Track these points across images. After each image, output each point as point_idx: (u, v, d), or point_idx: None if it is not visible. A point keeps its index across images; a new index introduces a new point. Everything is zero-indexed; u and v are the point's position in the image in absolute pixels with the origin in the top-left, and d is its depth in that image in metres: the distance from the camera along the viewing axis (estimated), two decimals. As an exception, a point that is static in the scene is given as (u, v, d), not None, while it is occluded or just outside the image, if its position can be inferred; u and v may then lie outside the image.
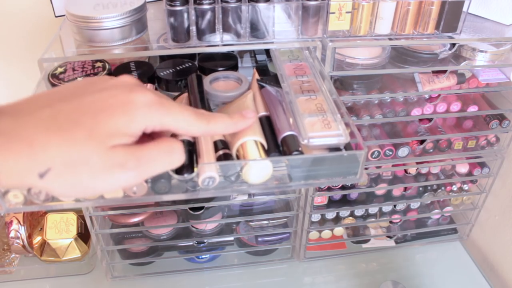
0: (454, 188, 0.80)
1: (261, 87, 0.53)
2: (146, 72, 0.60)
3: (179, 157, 0.36)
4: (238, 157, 0.43)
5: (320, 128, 0.43)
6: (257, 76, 0.54)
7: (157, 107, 0.33)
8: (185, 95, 0.53)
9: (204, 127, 0.36)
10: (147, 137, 0.36)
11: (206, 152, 0.42)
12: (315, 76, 0.51)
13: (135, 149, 0.33)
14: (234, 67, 0.61)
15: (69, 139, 0.31)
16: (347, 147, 0.43)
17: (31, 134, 0.30)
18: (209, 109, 0.51)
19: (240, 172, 0.42)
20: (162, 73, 0.59)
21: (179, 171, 0.41)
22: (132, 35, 0.58)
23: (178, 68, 0.60)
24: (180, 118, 0.35)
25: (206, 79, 0.56)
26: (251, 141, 0.43)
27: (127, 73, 0.59)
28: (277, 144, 0.45)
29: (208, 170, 0.40)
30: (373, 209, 0.79)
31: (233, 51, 0.64)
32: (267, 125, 0.47)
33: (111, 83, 0.34)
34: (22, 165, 0.30)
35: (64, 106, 0.32)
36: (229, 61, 0.61)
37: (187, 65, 0.61)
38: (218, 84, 0.56)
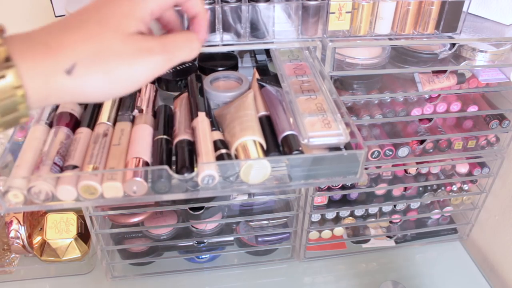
0: (454, 188, 0.80)
1: (261, 86, 0.53)
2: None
3: (197, 45, 0.37)
4: (236, 157, 0.43)
5: (320, 127, 0.43)
6: (257, 76, 0.54)
7: None
8: (185, 95, 0.53)
9: None
10: None
11: (206, 151, 0.42)
12: (315, 76, 0.51)
13: (158, 36, 0.34)
14: (234, 67, 0.61)
15: (83, 35, 0.31)
16: (347, 146, 0.43)
17: (46, 39, 0.30)
18: (209, 109, 0.51)
19: (238, 172, 0.42)
20: (162, 73, 0.58)
21: (179, 170, 0.41)
22: (132, 35, 0.57)
23: (178, 68, 0.60)
24: None
25: (207, 79, 0.56)
26: (250, 141, 0.43)
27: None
28: (277, 144, 0.45)
29: (208, 169, 0.40)
30: (373, 209, 0.79)
31: (233, 51, 0.64)
32: (267, 124, 0.47)
33: None
34: (44, 65, 0.29)
35: (71, 15, 0.33)
36: (229, 61, 0.61)
37: (187, 65, 0.61)
38: (219, 84, 0.56)
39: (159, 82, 0.59)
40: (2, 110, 0.29)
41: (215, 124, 0.48)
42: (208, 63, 0.61)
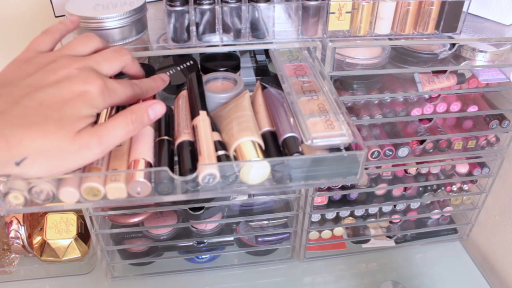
0: (454, 188, 0.80)
1: (263, 87, 0.53)
2: (146, 72, 0.59)
3: (133, 127, 0.40)
4: (235, 158, 0.43)
5: (323, 128, 0.43)
6: (260, 90, 0.53)
7: (107, 92, 0.39)
8: (183, 93, 0.53)
9: (139, 92, 0.44)
10: None
11: (208, 152, 0.42)
12: (315, 76, 0.51)
13: (97, 129, 0.38)
14: (236, 67, 0.61)
15: (41, 132, 0.35)
16: (347, 147, 0.43)
17: (6, 132, 0.34)
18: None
19: (237, 173, 0.42)
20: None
21: (182, 173, 0.41)
22: (132, 35, 0.57)
23: (179, 68, 0.60)
24: (123, 95, 0.42)
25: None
26: (249, 141, 0.43)
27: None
28: (278, 147, 0.45)
29: (209, 168, 0.40)
30: (373, 209, 0.79)
31: (234, 51, 0.64)
32: (272, 140, 0.46)
33: (62, 74, 0.39)
34: (0, 158, 0.34)
35: (29, 102, 0.36)
36: (231, 61, 0.61)
37: (188, 64, 0.61)
38: (212, 85, 0.56)
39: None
40: None
41: (212, 125, 0.48)
42: (209, 63, 0.61)
